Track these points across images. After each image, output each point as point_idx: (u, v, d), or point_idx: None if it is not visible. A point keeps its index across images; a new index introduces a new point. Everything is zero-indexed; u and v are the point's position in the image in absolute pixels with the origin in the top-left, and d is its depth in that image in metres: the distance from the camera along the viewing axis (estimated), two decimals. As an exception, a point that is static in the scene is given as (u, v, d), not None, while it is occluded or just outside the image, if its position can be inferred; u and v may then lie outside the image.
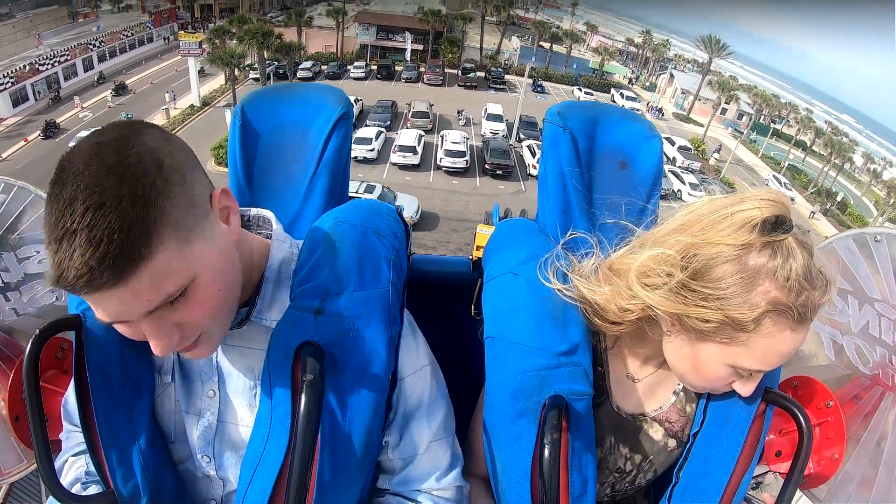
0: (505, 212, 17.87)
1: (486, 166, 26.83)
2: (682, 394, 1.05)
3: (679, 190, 28.91)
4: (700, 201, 0.89)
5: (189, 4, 53.30)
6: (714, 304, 0.80)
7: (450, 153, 26.82)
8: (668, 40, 57.08)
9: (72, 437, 1.04)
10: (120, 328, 0.74)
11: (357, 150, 25.62)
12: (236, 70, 34.19)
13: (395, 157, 26.46)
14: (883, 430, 1.16)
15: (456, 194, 24.88)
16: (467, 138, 29.13)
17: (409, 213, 19.04)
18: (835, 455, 1.17)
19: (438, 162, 26.92)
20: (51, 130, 28.76)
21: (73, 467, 1.02)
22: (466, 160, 26.89)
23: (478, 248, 13.69)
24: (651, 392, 1.04)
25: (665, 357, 0.94)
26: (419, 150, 26.99)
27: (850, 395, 1.23)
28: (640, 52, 55.89)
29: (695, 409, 1.04)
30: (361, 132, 27.55)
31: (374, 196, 19.07)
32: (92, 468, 0.95)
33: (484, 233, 14.16)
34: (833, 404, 1.19)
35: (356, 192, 18.48)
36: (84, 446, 0.99)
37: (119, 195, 0.63)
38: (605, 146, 1.24)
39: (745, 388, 0.89)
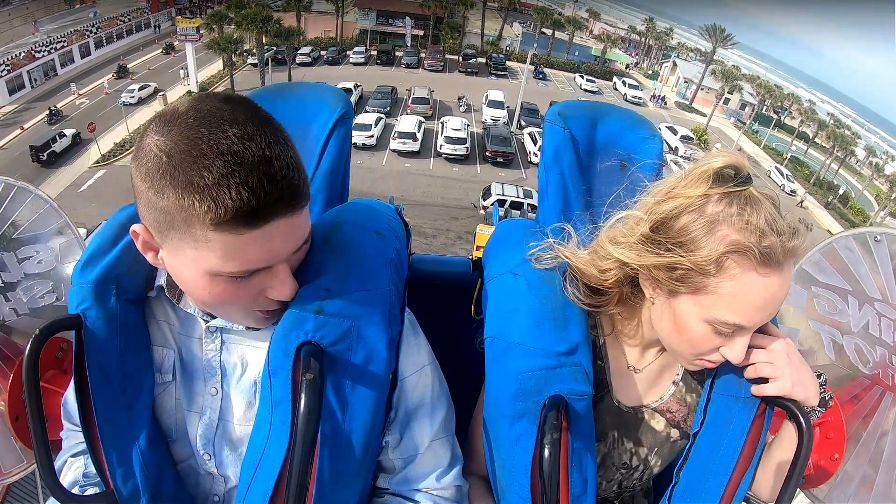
0: (505, 211, 18.03)
1: (487, 153, 26.73)
2: (681, 383, 1.05)
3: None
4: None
5: (188, -11, 52.67)
6: (678, 251, 0.84)
7: (450, 140, 26.72)
8: (671, 29, 56.59)
9: (72, 436, 1.03)
10: (237, 287, 0.76)
11: (356, 137, 25.51)
12: (234, 56, 33.91)
13: (395, 144, 26.37)
14: (883, 430, 1.17)
15: (456, 181, 24.76)
16: (468, 125, 29.00)
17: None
18: (835, 455, 1.18)
19: (438, 149, 26.81)
20: (122, 72, 36.24)
21: (72, 468, 1.02)
22: (467, 147, 26.79)
23: (478, 248, 13.71)
24: (652, 383, 1.05)
25: (656, 331, 0.95)
26: (419, 136, 26.89)
27: (850, 395, 1.23)
28: (643, 40, 55.45)
29: (695, 399, 1.04)
30: (361, 118, 27.38)
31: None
32: (91, 468, 0.95)
33: (484, 233, 14.17)
34: (833, 404, 1.19)
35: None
36: (83, 446, 0.99)
37: (286, 139, 0.72)
38: (605, 146, 1.24)
39: (733, 353, 0.87)
